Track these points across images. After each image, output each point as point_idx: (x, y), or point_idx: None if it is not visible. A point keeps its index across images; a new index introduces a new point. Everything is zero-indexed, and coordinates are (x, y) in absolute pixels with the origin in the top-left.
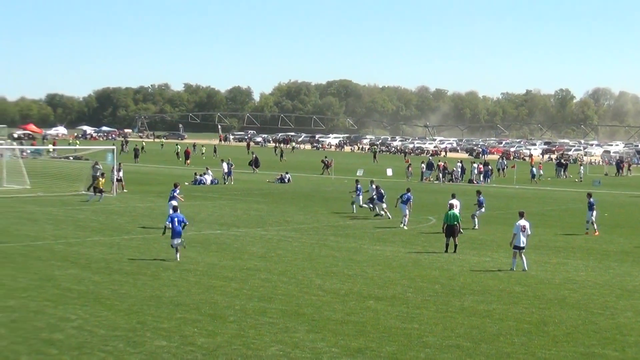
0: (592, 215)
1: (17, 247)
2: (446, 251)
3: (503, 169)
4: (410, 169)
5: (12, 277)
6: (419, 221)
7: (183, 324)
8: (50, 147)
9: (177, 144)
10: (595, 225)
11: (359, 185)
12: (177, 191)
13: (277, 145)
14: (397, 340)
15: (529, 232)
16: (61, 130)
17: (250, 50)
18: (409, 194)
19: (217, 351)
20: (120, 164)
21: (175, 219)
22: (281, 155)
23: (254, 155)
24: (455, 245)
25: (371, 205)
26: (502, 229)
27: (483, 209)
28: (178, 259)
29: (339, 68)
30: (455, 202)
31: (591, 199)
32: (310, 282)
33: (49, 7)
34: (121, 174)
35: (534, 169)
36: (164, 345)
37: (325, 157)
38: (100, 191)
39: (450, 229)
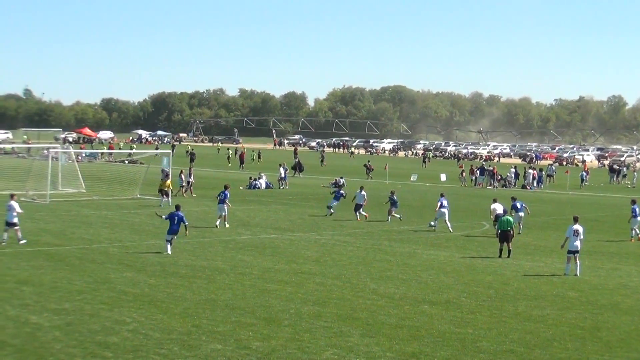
0: (637, 222)
1: (72, 250)
2: (500, 256)
3: (552, 175)
4: (463, 174)
5: (67, 279)
6: (472, 226)
7: (238, 328)
8: (128, 151)
9: (228, 149)
10: (634, 232)
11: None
12: (228, 194)
13: (321, 149)
14: (451, 345)
15: (582, 237)
16: (107, 134)
17: (305, 55)
18: (442, 198)
19: (271, 355)
20: (191, 168)
21: (175, 218)
22: (322, 160)
23: (297, 159)
24: (509, 251)
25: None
26: (555, 235)
27: (521, 214)
28: (169, 252)
29: (393, 74)
30: (497, 206)
31: (634, 206)
32: (365, 286)
33: (106, 11)
34: (192, 178)
35: (583, 173)
36: (219, 348)
37: (368, 161)
38: (166, 194)
39: (504, 235)
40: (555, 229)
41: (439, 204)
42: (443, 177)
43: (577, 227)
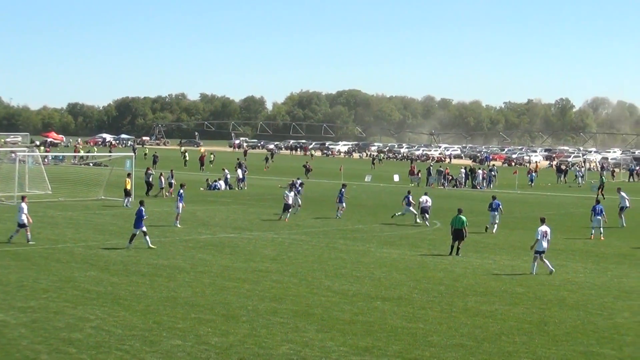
0: (600, 220)
1: (38, 249)
2: (450, 254)
3: (494, 175)
4: (419, 174)
5: (33, 278)
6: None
7: (197, 324)
8: (87, 153)
9: (186, 151)
10: (602, 230)
11: (299, 188)
12: (182, 193)
13: (269, 151)
14: (403, 340)
15: (550, 237)
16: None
17: (264, 60)
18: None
19: (230, 350)
20: (172, 170)
21: (138, 212)
22: (266, 161)
23: (239, 161)
24: (458, 249)
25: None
26: (504, 233)
27: (496, 213)
28: (151, 246)
29: (349, 78)
30: (424, 198)
31: (599, 205)
32: (320, 284)
33: (71, 18)
34: (173, 180)
35: (533, 174)
36: (179, 344)
37: (307, 162)
38: (128, 194)
39: (457, 233)
40: (504, 227)
41: (407, 200)
42: (396, 177)
43: (545, 228)
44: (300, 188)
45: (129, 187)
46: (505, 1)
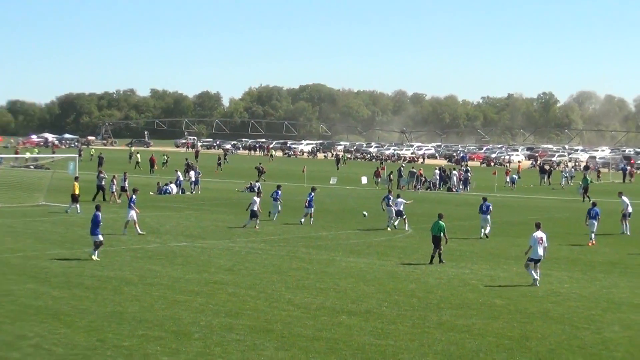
0: (595, 224)
1: None
2: (430, 262)
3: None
4: (390, 176)
5: None
6: (394, 231)
7: (145, 342)
8: (28, 154)
9: (138, 152)
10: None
11: (278, 192)
12: (135, 198)
13: (225, 152)
14: (370, 358)
15: (546, 244)
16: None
17: (220, 53)
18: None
19: None
20: (125, 173)
21: (93, 218)
22: (219, 164)
23: (188, 162)
24: (440, 255)
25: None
26: (482, 240)
27: (488, 217)
28: (94, 257)
29: (312, 72)
30: (399, 200)
31: (596, 208)
32: (280, 297)
33: (11, 7)
34: (127, 183)
35: (514, 177)
36: None
37: (260, 163)
38: (76, 199)
39: (434, 239)
40: (479, 232)
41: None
42: (364, 179)
43: (540, 234)
44: (279, 192)
45: (77, 191)
46: None
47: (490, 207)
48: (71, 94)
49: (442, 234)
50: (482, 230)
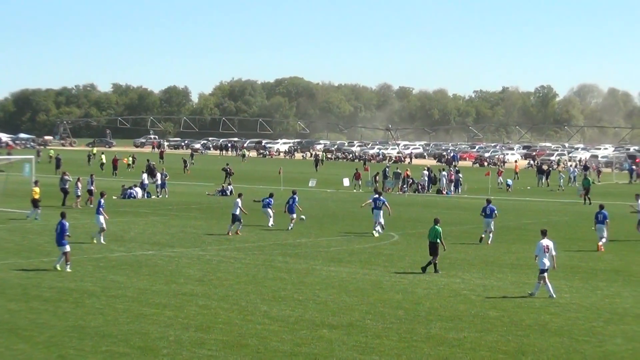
0: (604, 229)
1: None
2: (423, 270)
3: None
4: (376, 177)
5: None
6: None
7: (109, 358)
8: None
9: (101, 153)
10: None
11: (270, 199)
12: (102, 202)
13: (192, 152)
14: None
15: (554, 253)
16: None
17: (187, 45)
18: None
19: None
20: (92, 175)
21: (58, 227)
22: (185, 165)
23: (149, 163)
24: (435, 264)
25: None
26: (475, 247)
27: (491, 220)
28: (57, 268)
29: (289, 64)
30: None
31: (604, 211)
32: (255, 309)
33: None
34: (94, 186)
35: (508, 180)
36: None
37: (227, 164)
38: (36, 204)
39: (431, 246)
40: (474, 239)
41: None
42: (346, 181)
43: (546, 242)
44: (270, 199)
45: (37, 196)
46: None
47: (495, 211)
48: (26, 89)
49: (438, 240)
50: (483, 234)
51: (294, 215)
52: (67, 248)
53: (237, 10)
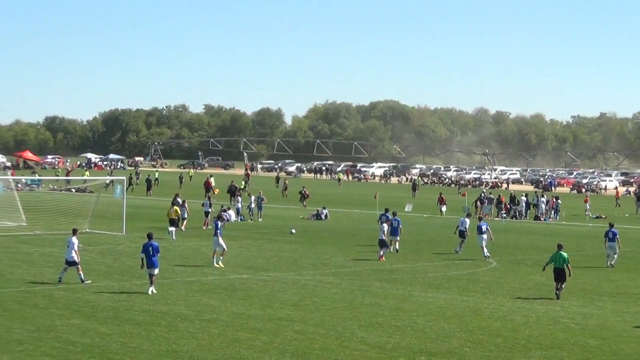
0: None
1: (11, 292)
2: (557, 298)
3: (538, 205)
4: (479, 204)
5: (6, 327)
6: (477, 265)
7: None
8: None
9: (180, 175)
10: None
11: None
12: (220, 225)
13: (278, 174)
14: None
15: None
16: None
17: (281, 66)
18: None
19: None
20: (209, 197)
21: (150, 248)
22: (285, 188)
23: (232, 183)
24: (560, 290)
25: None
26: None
27: (485, 236)
28: (150, 292)
29: (384, 87)
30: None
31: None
32: (352, 335)
33: (45, 16)
34: (211, 209)
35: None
36: None
37: (303, 187)
38: (174, 223)
39: (558, 273)
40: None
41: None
42: (409, 207)
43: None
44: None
45: (175, 216)
46: None
47: (617, 235)
48: (116, 110)
49: (566, 266)
50: (608, 259)
51: (398, 238)
52: (156, 272)
53: (332, 33)
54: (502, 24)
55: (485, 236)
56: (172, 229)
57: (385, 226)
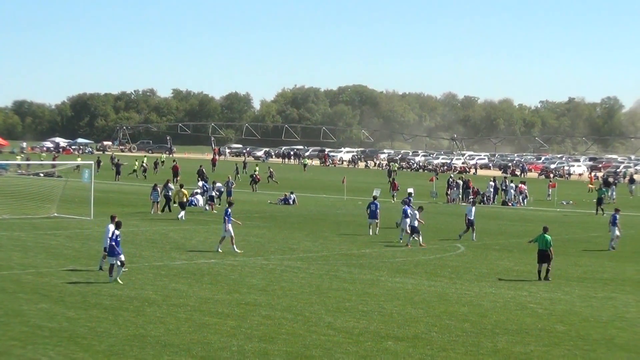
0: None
1: None
2: (539, 278)
3: (506, 190)
4: (451, 191)
5: None
6: (445, 249)
7: None
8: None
9: (156, 160)
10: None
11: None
12: (229, 211)
13: (245, 159)
14: None
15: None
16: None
17: (250, 51)
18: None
19: None
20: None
21: (111, 234)
22: (270, 175)
23: (201, 167)
24: (547, 272)
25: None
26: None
27: (408, 220)
28: (111, 280)
29: (353, 72)
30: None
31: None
32: (319, 320)
33: (16, 1)
34: (214, 192)
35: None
36: None
37: (255, 171)
38: (183, 206)
39: (541, 254)
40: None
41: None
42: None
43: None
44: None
45: (186, 199)
46: None
47: (617, 220)
48: (84, 94)
49: (548, 249)
50: (616, 240)
51: (377, 221)
52: (122, 258)
53: (300, 17)
54: (471, 9)
55: (408, 220)
56: (182, 213)
57: (409, 209)
